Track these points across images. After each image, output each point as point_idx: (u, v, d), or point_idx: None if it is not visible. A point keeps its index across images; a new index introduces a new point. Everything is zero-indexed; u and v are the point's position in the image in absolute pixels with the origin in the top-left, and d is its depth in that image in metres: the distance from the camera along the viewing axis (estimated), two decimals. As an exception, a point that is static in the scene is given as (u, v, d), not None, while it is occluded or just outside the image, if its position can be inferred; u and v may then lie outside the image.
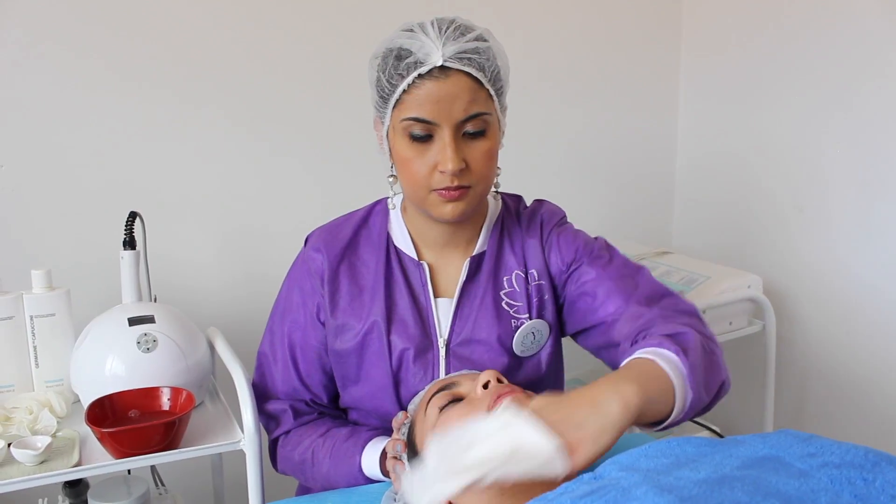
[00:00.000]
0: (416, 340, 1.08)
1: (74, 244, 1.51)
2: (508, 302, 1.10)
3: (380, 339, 1.08)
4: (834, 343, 1.81)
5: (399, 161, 1.02)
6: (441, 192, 0.99)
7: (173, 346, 1.21)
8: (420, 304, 1.10)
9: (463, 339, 1.08)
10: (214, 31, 1.57)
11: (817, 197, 1.79)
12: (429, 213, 1.04)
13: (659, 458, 0.61)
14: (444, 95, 0.95)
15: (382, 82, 0.99)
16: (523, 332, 1.09)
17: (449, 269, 1.12)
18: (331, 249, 1.12)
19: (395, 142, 1.02)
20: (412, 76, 0.96)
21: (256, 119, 1.63)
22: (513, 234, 1.13)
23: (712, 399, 0.92)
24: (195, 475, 1.58)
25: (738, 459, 0.59)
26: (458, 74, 0.96)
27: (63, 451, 1.09)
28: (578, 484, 0.59)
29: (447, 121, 0.96)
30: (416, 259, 1.11)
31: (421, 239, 1.12)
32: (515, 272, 1.11)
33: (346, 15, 1.68)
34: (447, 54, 0.95)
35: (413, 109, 0.97)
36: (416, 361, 1.08)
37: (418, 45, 0.96)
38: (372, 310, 1.09)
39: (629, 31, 2.02)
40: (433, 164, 0.98)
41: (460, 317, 1.09)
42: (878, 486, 0.55)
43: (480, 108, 0.98)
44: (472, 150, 0.99)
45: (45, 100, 1.46)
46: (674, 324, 0.96)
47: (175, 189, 1.59)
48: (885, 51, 1.61)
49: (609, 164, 2.07)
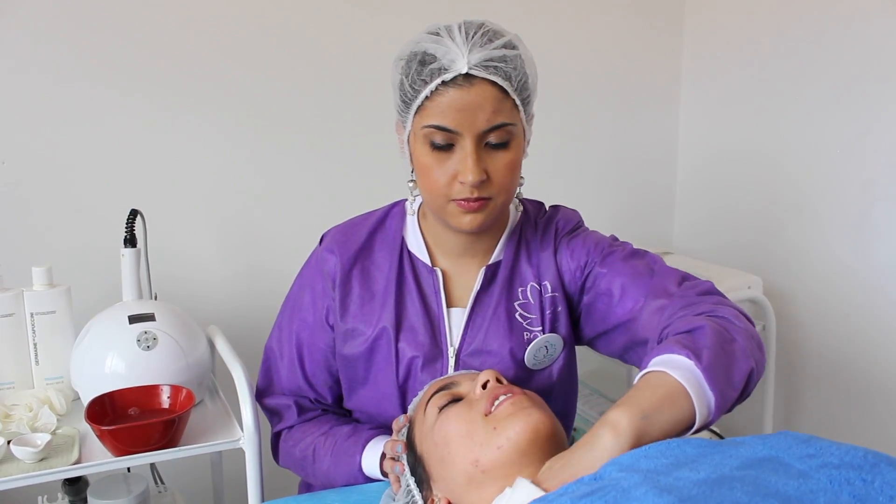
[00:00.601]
0: (426, 349, 1.06)
1: (75, 241, 1.51)
2: (522, 314, 1.07)
3: (388, 346, 1.06)
4: (834, 343, 1.81)
5: (419, 167, 0.99)
6: (460, 203, 0.97)
7: (173, 343, 1.21)
8: (431, 312, 1.07)
9: (474, 350, 1.06)
10: (214, 29, 1.57)
11: (817, 198, 1.79)
12: (447, 223, 1.01)
13: (659, 458, 0.61)
14: (468, 104, 0.92)
15: (405, 87, 0.96)
16: (536, 345, 1.06)
17: (464, 278, 1.09)
18: (344, 252, 1.10)
19: (415, 148, 0.99)
20: (435, 83, 0.92)
21: (258, 117, 1.64)
22: (530, 245, 1.10)
23: (742, 390, 0.86)
24: (195, 473, 1.59)
25: (738, 460, 0.59)
26: (482, 83, 0.92)
27: (63, 448, 1.10)
28: (579, 485, 0.60)
29: (469, 130, 0.93)
30: (430, 265, 1.08)
31: (437, 246, 1.09)
32: (531, 284, 1.08)
33: (347, 14, 1.68)
34: (472, 62, 0.91)
35: (435, 117, 0.94)
36: (425, 370, 1.06)
37: (443, 50, 0.92)
38: (382, 316, 1.07)
39: (631, 33, 2.02)
40: (453, 173, 0.95)
41: (472, 327, 1.07)
42: (877, 487, 0.55)
43: (505, 118, 0.95)
44: (495, 161, 0.96)
45: (46, 97, 1.46)
46: (691, 316, 0.93)
47: (176, 187, 1.59)
48: (885, 51, 1.61)
49: (610, 166, 2.07)
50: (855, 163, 1.71)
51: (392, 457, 0.97)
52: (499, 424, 0.84)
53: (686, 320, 0.92)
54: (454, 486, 0.85)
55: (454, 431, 0.86)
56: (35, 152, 1.47)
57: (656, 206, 2.17)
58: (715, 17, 2.01)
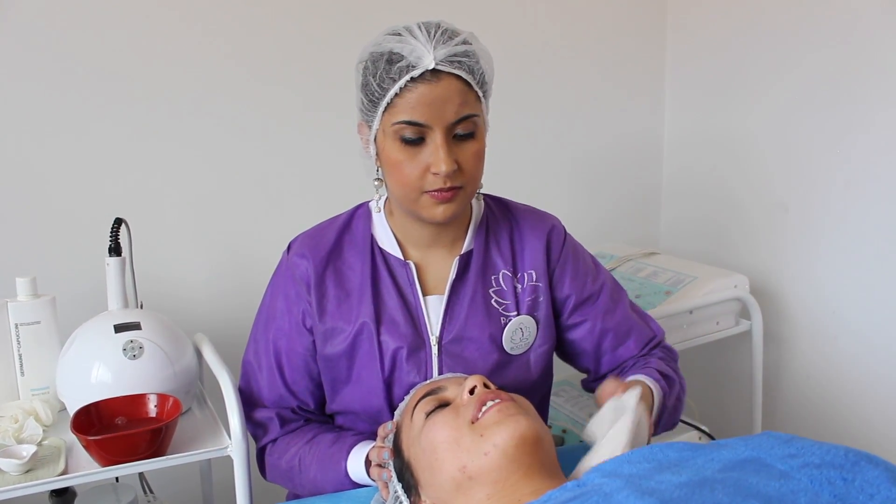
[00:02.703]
0: (409, 339, 1.09)
1: (59, 251, 1.50)
2: (497, 300, 1.12)
3: (370, 340, 1.08)
4: (820, 341, 1.82)
5: (389, 164, 1.02)
6: (433, 194, 1.00)
7: (160, 352, 1.20)
8: (409, 303, 1.10)
9: (455, 337, 1.09)
10: (201, 37, 1.57)
11: (802, 196, 1.80)
12: (418, 215, 1.04)
13: (641, 463, 0.62)
14: (436, 98, 0.96)
15: (372, 86, 0.99)
16: (511, 328, 1.11)
17: (435, 268, 1.12)
18: (315, 255, 1.12)
19: (384, 145, 1.02)
20: (404, 79, 0.96)
21: (244, 125, 1.63)
22: (499, 235, 1.15)
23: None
24: (184, 482, 1.58)
25: (720, 462, 0.60)
26: (449, 77, 0.97)
27: (49, 459, 1.09)
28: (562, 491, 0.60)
29: (439, 123, 0.97)
30: (402, 259, 1.11)
31: (406, 240, 1.13)
32: (502, 271, 1.13)
33: (331, 20, 1.68)
34: (439, 57, 0.95)
35: (405, 113, 0.97)
36: (409, 360, 1.08)
37: (409, 48, 0.96)
38: (360, 312, 1.09)
39: (614, 34, 2.03)
40: (425, 166, 0.99)
41: (451, 314, 1.10)
42: (857, 486, 0.55)
43: (470, 109, 0.99)
44: (463, 151, 1.00)
45: (29, 106, 1.46)
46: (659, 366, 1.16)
47: (161, 195, 1.58)
48: (868, 50, 1.62)
49: (596, 167, 2.08)
50: (839, 162, 1.72)
51: (378, 463, 0.97)
52: (485, 431, 0.84)
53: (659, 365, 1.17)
54: (442, 493, 0.85)
55: (441, 438, 0.86)
56: (17, 161, 1.46)
57: (642, 206, 2.18)
58: (697, 18, 2.02)
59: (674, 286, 1.73)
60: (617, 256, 1.94)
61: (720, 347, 1.96)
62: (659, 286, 1.75)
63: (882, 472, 0.57)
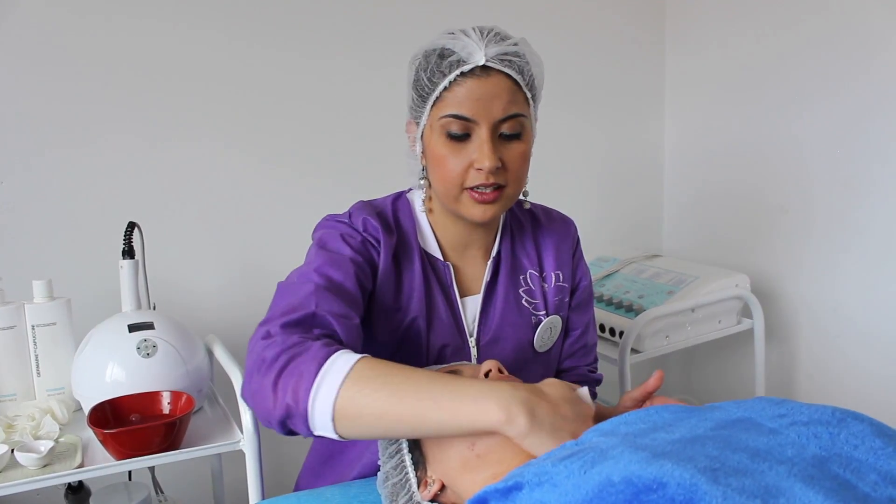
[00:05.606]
0: (453, 339, 1.10)
1: (75, 254, 1.54)
2: (527, 300, 1.14)
3: (418, 336, 1.08)
4: (821, 339, 1.83)
5: (433, 159, 1.02)
6: (474, 194, 1.00)
7: (173, 351, 1.23)
8: (453, 304, 1.11)
9: (492, 338, 1.12)
10: (209, 45, 1.61)
11: (802, 198, 1.82)
12: (458, 213, 1.04)
13: (637, 423, 0.64)
14: (485, 94, 0.97)
15: (423, 81, 1.00)
16: (543, 327, 1.14)
17: (470, 270, 1.13)
18: (386, 225, 1.07)
19: (430, 140, 1.02)
20: (454, 74, 0.97)
21: (253, 129, 1.67)
22: (523, 236, 1.17)
23: None
24: (195, 482, 1.60)
25: (712, 422, 0.62)
26: (498, 75, 0.97)
27: (66, 454, 1.12)
28: (561, 450, 0.62)
29: (486, 119, 0.98)
30: (443, 260, 1.12)
31: (444, 240, 1.13)
32: (529, 271, 1.15)
33: (345, 34, 1.72)
34: (490, 54, 0.96)
35: (453, 107, 0.98)
36: (452, 359, 1.10)
37: (461, 45, 0.97)
38: (411, 307, 1.08)
39: (614, 37, 2.06)
40: (469, 162, 0.99)
41: (486, 315, 1.12)
42: (843, 438, 0.58)
43: (518, 109, 0.99)
44: (508, 150, 1.00)
45: (44, 113, 1.50)
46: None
47: (173, 199, 1.62)
48: (868, 51, 1.65)
49: (598, 171, 2.11)
50: (838, 163, 1.74)
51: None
52: None
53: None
54: (448, 469, 0.87)
55: None
56: (34, 168, 1.50)
57: (645, 210, 2.21)
58: (696, 21, 2.05)
59: (676, 286, 1.75)
60: (619, 259, 1.96)
61: (722, 345, 1.97)
62: (661, 286, 1.76)
63: (867, 426, 0.59)
